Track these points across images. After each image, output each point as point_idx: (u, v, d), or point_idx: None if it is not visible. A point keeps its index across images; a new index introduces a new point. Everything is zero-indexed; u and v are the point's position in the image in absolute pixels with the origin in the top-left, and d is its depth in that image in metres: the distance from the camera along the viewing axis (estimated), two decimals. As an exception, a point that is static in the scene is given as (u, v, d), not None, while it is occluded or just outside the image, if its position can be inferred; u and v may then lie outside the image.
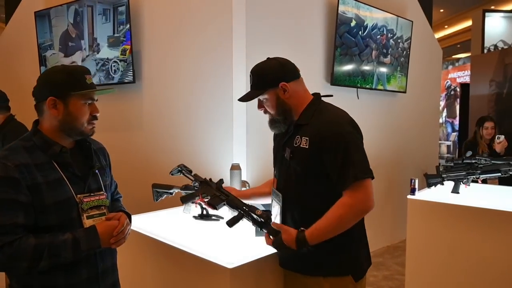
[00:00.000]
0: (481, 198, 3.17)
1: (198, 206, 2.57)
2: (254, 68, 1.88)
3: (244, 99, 1.89)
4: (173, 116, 3.89)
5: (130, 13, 3.96)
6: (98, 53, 4.28)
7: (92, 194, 1.63)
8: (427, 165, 5.76)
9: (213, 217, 2.52)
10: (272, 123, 1.89)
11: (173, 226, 2.48)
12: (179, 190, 2.63)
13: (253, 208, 1.75)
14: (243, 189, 3.05)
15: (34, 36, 4.97)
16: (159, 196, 2.71)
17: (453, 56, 14.08)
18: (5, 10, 6.89)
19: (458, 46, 14.20)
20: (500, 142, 4.44)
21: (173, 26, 3.86)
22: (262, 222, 1.72)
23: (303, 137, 1.76)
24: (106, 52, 4.21)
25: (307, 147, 1.73)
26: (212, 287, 1.90)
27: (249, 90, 1.90)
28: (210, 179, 2.10)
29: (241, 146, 3.41)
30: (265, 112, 1.89)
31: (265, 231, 1.74)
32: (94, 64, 4.31)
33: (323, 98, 1.90)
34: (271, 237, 1.73)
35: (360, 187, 1.66)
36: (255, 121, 3.44)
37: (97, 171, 1.70)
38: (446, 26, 13.14)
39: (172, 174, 2.22)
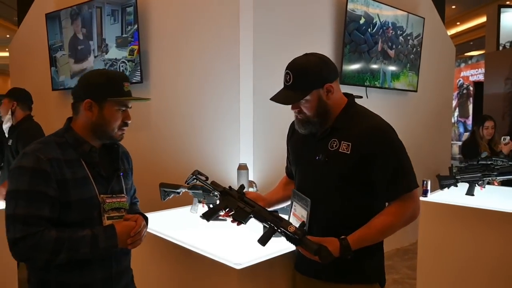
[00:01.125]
0: (496, 200, 3.08)
1: (205, 206, 2.55)
2: (294, 66, 1.69)
3: (282, 101, 1.70)
4: (180, 116, 3.89)
5: (138, 13, 3.97)
6: (106, 54, 4.30)
7: (114, 195, 1.65)
8: (439, 166, 5.67)
9: (220, 217, 2.50)
10: (305, 123, 1.73)
11: (180, 225, 2.48)
12: (186, 190, 2.62)
13: (285, 223, 1.59)
14: (251, 189, 3.01)
15: (45, 37, 5.03)
16: (166, 195, 2.71)
17: (466, 54, 13.90)
18: (17, 13, 6.97)
19: (471, 43, 14.03)
20: (506, 143, 4.38)
21: (180, 26, 3.85)
22: (297, 239, 1.55)
23: (342, 142, 1.66)
24: (114, 53, 4.22)
25: (348, 152, 1.63)
26: (220, 287, 1.88)
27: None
28: (230, 187, 1.87)
29: (248, 146, 3.39)
30: (299, 112, 1.72)
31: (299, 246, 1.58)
32: (103, 64, 4.32)
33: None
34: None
35: (411, 197, 1.64)
36: (262, 120, 3.42)
37: (121, 174, 1.73)
38: (458, 23, 12.98)
39: (187, 183, 2.09)
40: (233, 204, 1.78)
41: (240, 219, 1.72)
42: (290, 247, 1.92)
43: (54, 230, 1.46)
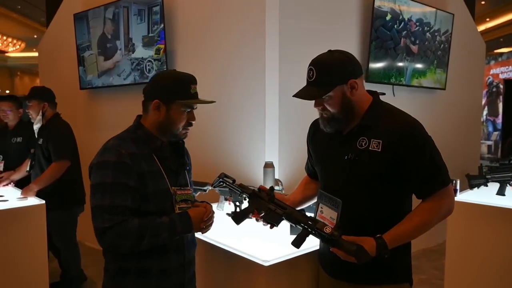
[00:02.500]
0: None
1: (232, 203, 2.56)
2: (317, 62, 1.67)
3: (305, 97, 1.68)
4: (206, 114, 3.89)
5: (164, 13, 4.00)
6: (133, 53, 4.35)
7: (182, 188, 1.76)
8: (469, 165, 5.56)
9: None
10: (330, 121, 1.70)
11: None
12: (213, 188, 2.63)
13: (321, 225, 1.57)
14: (277, 188, 3.00)
15: (73, 37, 5.11)
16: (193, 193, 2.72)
17: (495, 51, 13.56)
18: (46, 14, 7.13)
19: (501, 40, 13.68)
20: None
21: (206, 25, 3.87)
22: (334, 240, 1.53)
23: (372, 140, 1.63)
24: (141, 52, 4.27)
25: (379, 150, 1.61)
26: (247, 283, 1.92)
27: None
28: (259, 189, 1.85)
29: (274, 144, 3.38)
30: (323, 109, 1.69)
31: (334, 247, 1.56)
32: (129, 63, 4.37)
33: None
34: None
35: (446, 192, 1.64)
36: (288, 118, 3.41)
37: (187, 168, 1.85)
38: (488, 19, 12.69)
39: (214, 187, 2.06)
40: (264, 206, 1.76)
41: (272, 221, 1.72)
42: (315, 246, 1.91)
43: (136, 218, 1.57)
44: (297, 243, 1.60)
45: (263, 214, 1.76)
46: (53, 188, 3.46)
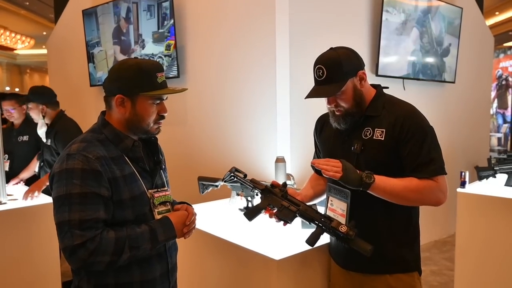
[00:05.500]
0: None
1: (243, 199, 2.58)
2: (324, 60, 1.69)
3: (320, 94, 1.69)
4: (217, 110, 3.92)
5: (174, 8, 4.01)
6: (143, 49, 4.37)
7: (159, 190, 1.60)
8: (478, 157, 5.55)
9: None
10: (345, 117, 1.72)
11: (218, 218, 2.51)
12: (225, 183, 2.65)
13: (336, 223, 1.56)
14: (289, 182, 3.02)
15: (82, 34, 5.13)
16: (205, 188, 2.74)
17: (505, 44, 13.45)
18: (54, 10, 7.14)
19: (510, 33, 13.57)
20: None
21: (216, 21, 3.88)
22: (349, 239, 1.53)
23: (376, 129, 1.69)
24: (151, 48, 4.29)
25: (382, 139, 1.67)
26: (259, 277, 1.92)
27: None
28: (272, 185, 1.82)
29: (285, 138, 3.40)
30: (336, 106, 1.72)
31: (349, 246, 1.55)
32: (140, 60, 4.38)
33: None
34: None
35: (438, 181, 1.65)
36: (299, 113, 3.41)
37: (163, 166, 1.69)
38: (497, 13, 12.58)
39: (225, 181, 2.02)
40: (277, 202, 1.74)
41: (286, 219, 1.70)
42: (325, 239, 1.93)
43: (112, 230, 1.39)
44: (311, 241, 1.60)
45: (276, 210, 1.74)
46: None
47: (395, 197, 1.64)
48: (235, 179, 1.94)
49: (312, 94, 1.72)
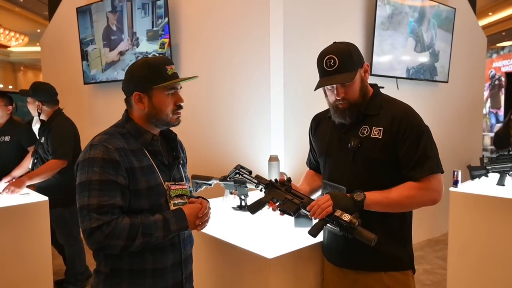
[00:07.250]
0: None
1: (237, 197, 2.59)
2: (335, 50, 1.71)
3: (335, 81, 1.69)
4: (211, 108, 3.92)
5: (168, 6, 4.01)
6: (137, 47, 4.36)
7: (176, 183, 1.70)
8: (470, 157, 5.59)
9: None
10: (350, 109, 1.74)
11: (212, 217, 2.50)
12: (218, 182, 2.65)
13: (338, 212, 1.57)
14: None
15: (76, 31, 5.11)
16: (198, 187, 2.74)
17: (498, 45, 13.54)
18: (48, 8, 7.11)
19: (503, 33, 13.64)
20: None
21: (210, 19, 3.88)
22: (352, 228, 1.54)
23: (374, 127, 1.72)
24: (145, 46, 4.29)
25: (380, 137, 1.69)
26: (252, 276, 1.92)
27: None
28: (276, 180, 1.86)
29: (279, 137, 3.40)
30: (343, 99, 1.73)
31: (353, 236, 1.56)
32: (134, 57, 4.39)
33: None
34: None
35: (434, 179, 1.66)
36: (293, 112, 3.42)
37: (181, 162, 1.79)
38: (490, 13, 12.66)
39: (229, 179, 2.04)
40: (280, 196, 1.78)
41: (289, 211, 1.72)
42: (318, 238, 1.93)
43: (127, 217, 1.50)
44: (314, 232, 1.61)
45: (279, 203, 1.78)
46: (56, 185, 3.43)
47: (393, 207, 1.67)
48: (240, 176, 1.96)
49: (324, 83, 1.72)
